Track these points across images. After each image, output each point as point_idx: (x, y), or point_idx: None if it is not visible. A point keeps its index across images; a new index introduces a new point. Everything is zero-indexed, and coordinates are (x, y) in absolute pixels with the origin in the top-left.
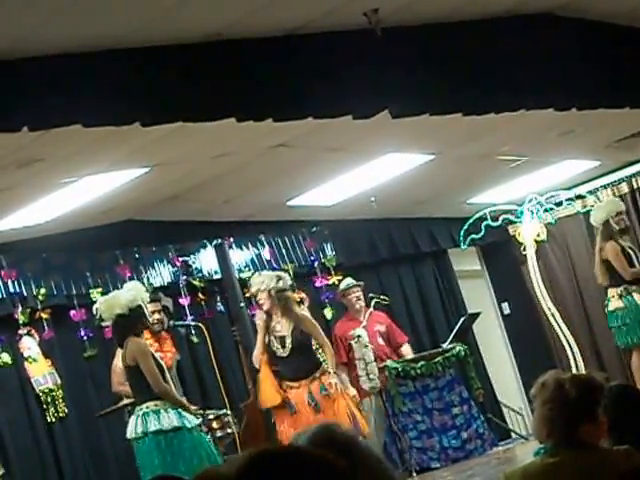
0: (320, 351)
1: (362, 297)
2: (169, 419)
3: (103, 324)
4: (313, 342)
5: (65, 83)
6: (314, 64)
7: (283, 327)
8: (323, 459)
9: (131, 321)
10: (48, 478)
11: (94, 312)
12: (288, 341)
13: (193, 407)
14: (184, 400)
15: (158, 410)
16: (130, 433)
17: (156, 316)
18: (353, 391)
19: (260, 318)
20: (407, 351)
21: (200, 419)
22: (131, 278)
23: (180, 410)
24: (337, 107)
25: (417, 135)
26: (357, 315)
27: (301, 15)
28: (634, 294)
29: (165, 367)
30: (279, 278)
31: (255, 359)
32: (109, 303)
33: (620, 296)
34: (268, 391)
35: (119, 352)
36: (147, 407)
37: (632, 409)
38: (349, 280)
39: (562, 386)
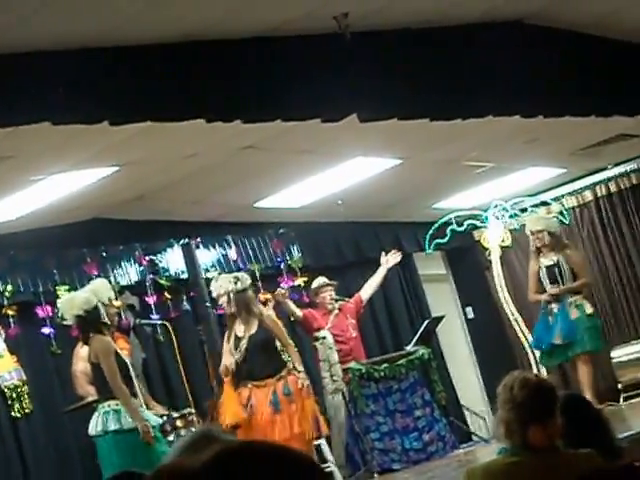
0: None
1: (334, 297)
2: (129, 418)
3: (65, 323)
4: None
5: (35, 81)
6: (284, 67)
7: (243, 328)
8: (295, 455)
9: (88, 321)
10: (12, 473)
11: (56, 310)
12: (242, 342)
13: (158, 406)
14: (136, 406)
15: (119, 409)
16: (91, 430)
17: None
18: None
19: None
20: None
21: (162, 419)
22: (98, 276)
23: (142, 410)
24: (306, 110)
25: (385, 139)
26: (328, 314)
27: (272, 18)
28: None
29: (130, 364)
30: (237, 280)
31: (222, 368)
32: (67, 304)
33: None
34: (232, 408)
35: (76, 355)
36: (109, 405)
37: (578, 417)
38: (322, 279)
39: (512, 388)
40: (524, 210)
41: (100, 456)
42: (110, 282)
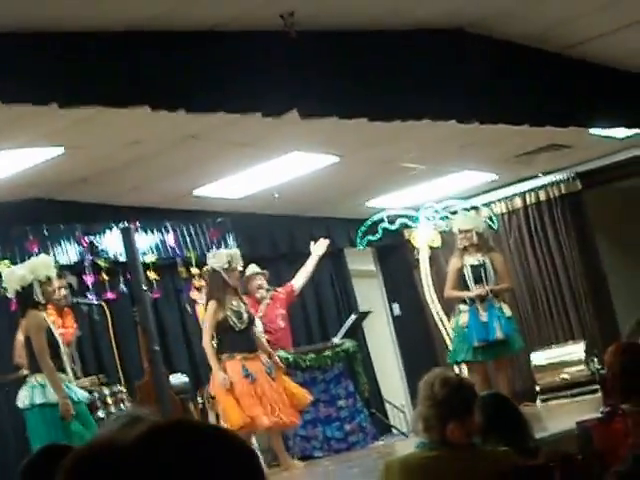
0: None
1: (264, 286)
2: (53, 393)
3: (8, 295)
4: None
5: None
6: (230, 60)
7: (237, 303)
8: (227, 435)
9: (24, 296)
10: None
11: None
12: (245, 316)
13: (89, 381)
14: (62, 382)
15: (45, 383)
16: (19, 403)
17: (63, 292)
18: None
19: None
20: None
21: (92, 395)
22: (38, 254)
23: (68, 384)
24: (248, 103)
25: (324, 137)
26: (258, 302)
27: (221, 13)
28: (462, 314)
29: (61, 343)
30: (233, 256)
31: (206, 345)
32: (8, 277)
33: (454, 314)
34: (236, 414)
35: (20, 325)
36: (36, 379)
37: (501, 416)
38: (253, 268)
39: (433, 385)
40: (454, 213)
41: (28, 429)
42: None
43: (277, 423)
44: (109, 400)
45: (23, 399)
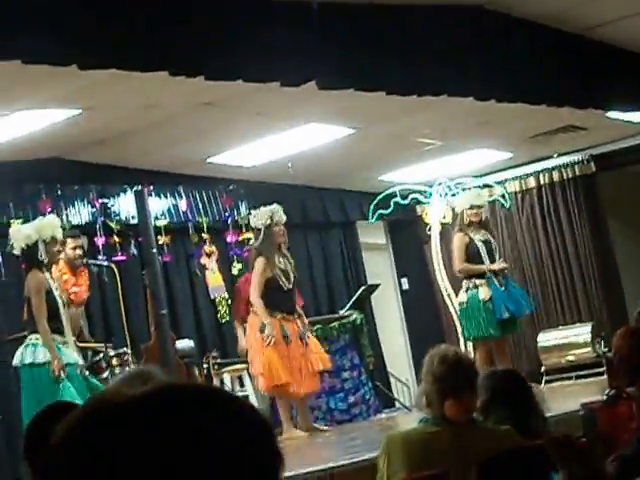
0: None
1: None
2: (44, 353)
3: (14, 252)
4: None
5: (8, 19)
6: (251, 29)
7: (284, 262)
8: (237, 399)
9: (28, 255)
10: None
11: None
12: (291, 275)
13: (95, 343)
14: (54, 348)
15: (35, 344)
16: (14, 361)
17: (78, 252)
18: (242, 345)
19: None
20: None
21: (98, 356)
22: (51, 213)
23: (61, 346)
24: (267, 72)
25: (340, 109)
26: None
27: None
28: (480, 288)
29: (61, 304)
30: (274, 212)
31: (254, 300)
32: (14, 235)
33: (467, 289)
34: (272, 371)
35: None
36: (30, 339)
37: (514, 393)
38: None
39: (433, 362)
40: (467, 190)
41: (21, 387)
42: (62, 221)
43: (301, 389)
44: (114, 362)
45: (16, 357)
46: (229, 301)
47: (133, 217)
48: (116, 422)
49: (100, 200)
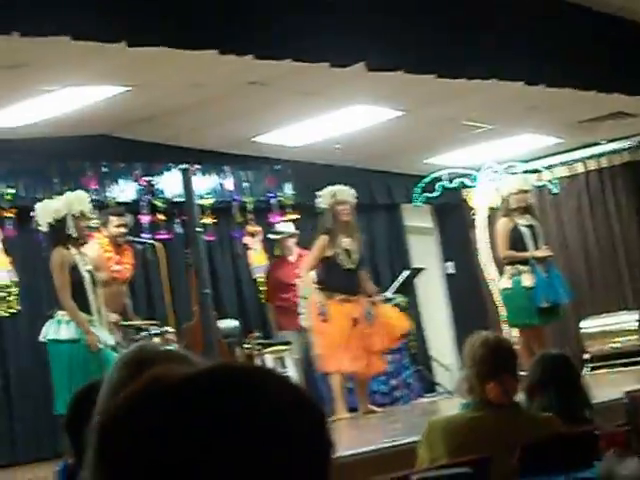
0: None
1: (294, 245)
2: (68, 330)
3: (39, 229)
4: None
5: None
6: (301, 9)
7: (348, 241)
8: (291, 383)
9: (55, 231)
10: None
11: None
12: (355, 255)
13: (139, 321)
14: (86, 322)
15: (60, 320)
16: (40, 337)
17: (122, 230)
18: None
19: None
20: None
21: (141, 334)
22: (96, 191)
23: (93, 325)
24: (317, 53)
25: (389, 90)
26: (289, 257)
27: None
28: (523, 275)
29: (89, 281)
30: (338, 192)
31: (303, 274)
32: (42, 209)
33: (510, 275)
34: (328, 350)
35: None
36: (57, 315)
37: (558, 378)
38: (285, 227)
39: (473, 346)
40: (515, 175)
41: (50, 363)
42: (107, 198)
43: (363, 369)
44: (157, 340)
45: (42, 332)
46: None
47: (178, 195)
48: (171, 401)
49: (145, 178)
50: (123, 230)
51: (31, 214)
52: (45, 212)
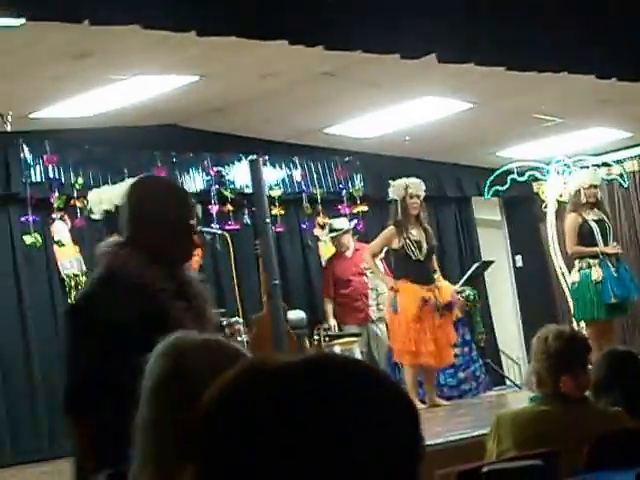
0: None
1: (351, 241)
2: None
3: (92, 217)
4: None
5: None
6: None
7: (418, 233)
8: (388, 377)
9: (110, 219)
10: (63, 355)
11: (85, 203)
12: (424, 246)
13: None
14: None
15: None
16: None
17: (191, 221)
18: (332, 322)
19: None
20: None
21: None
22: None
23: None
24: (387, 44)
25: (459, 82)
26: (345, 253)
27: None
28: (593, 269)
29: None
30: (410, 185)
31: (368, 261)
32: (98, 197)
33: (579, 269)
34: (403, 340)
35: None
36: None
37: (627, 374)
38: (341, 224)
39: (546, 339)
40: (585, 168)
41: None
42: None
43: (433, 362)
44: (226, 331)
45: None
46: None
47: (247, 186)
48: (273, 389)
49: (215, 168)
50: (191, 221)
51: (85, 202)
52: (102, 200)
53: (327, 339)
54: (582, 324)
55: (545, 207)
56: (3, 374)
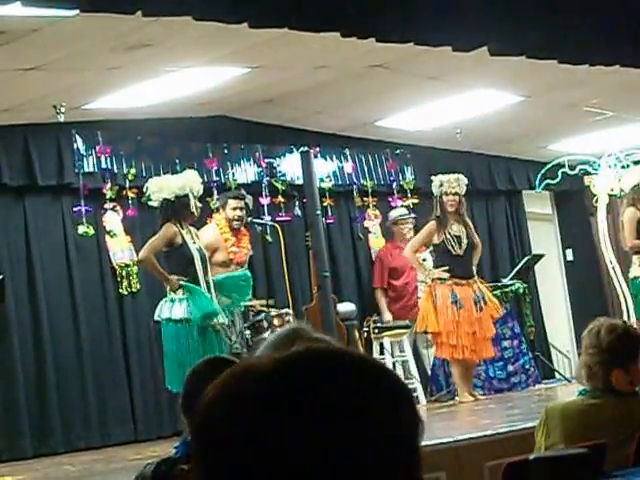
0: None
1: (412, 228)
2: (179, 310)
3: (150, 203)
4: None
5: None
6: None
7: (458, 228)
8: (373, 362)
9: (175, 207)
10: (113, 345)
11: (144, 190)
12: (465, 241)
13: (257, 301)
14: (165, 274)
15: (173, 299)
16: (155, 315)
17: (237, 213)
18: (388, 316)
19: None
20: None
21: (260, 316)
22: (217, 172)
23: (198, 301)
24: (439, 36)
25: (511, 75)
26: (403, 244)
27: None
28: None
29: (199, 259)
30: (446, 181)
31: (407, 254)
32: (159, 185)
33: (639, 264)
34: (447, 334)
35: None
36: (169, 293)
37: None
38: (403, 210)
39: (599, 332)
40: (637, 162)
41: (163, 342)
42: (228, 179)
43: (471, 355)
44: (276, 322)
45: (156, 312)
46: None
47: (298, 178)
48: (258, 386)
49: (266, 160)
50: (239, 213)
51: (145, 188)
52: (162, 187)
53: (376, 331)
54: (633, 318)
55: (596, 201)
56: (55, 363)
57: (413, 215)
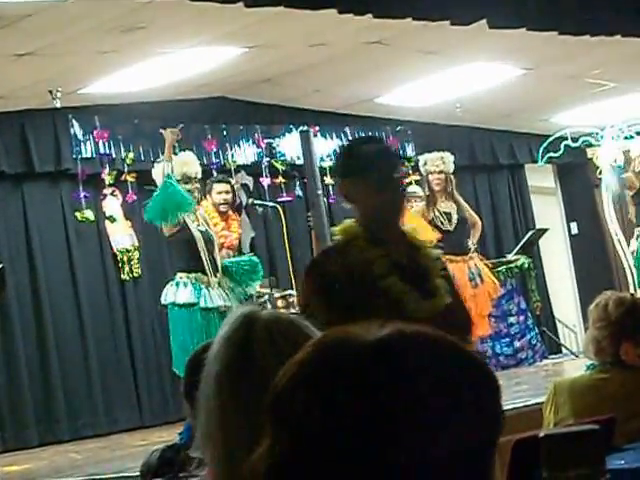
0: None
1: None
2: (185, 294)
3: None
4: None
5: None
6: None
7: (447, 205)
8: (470, 352)
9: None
10: (116, 331)
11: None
12: (454, 217)
13: (260, 286)
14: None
15: (178, 283)
16: (161, 299)
17: (223, 196)
18: None
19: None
20: None
21: (264, 298)
22: (216, 153)
23: (202, 287)
24: (437, 10)
25: (511, 48)
26: None
27: None
28: None
29: (202, 242)
30: (426, 160)
31: None
32: (156, 172)
33: (637, 237)
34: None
35: None
36: (174, 277)
37: None
38: (413, 188)
39: (607, 306)
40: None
41: (169, 326)
42: (227, 160)
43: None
44: (279, 303)
45: (162, 295)
46: None
47: (298, 157)
48: (357, 364)
49: (265, 140)
50: (225, 197)
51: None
52: (158, 174)
53: None
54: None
55: (599, 173)
56: (58, 350)
57: (421, 194)
